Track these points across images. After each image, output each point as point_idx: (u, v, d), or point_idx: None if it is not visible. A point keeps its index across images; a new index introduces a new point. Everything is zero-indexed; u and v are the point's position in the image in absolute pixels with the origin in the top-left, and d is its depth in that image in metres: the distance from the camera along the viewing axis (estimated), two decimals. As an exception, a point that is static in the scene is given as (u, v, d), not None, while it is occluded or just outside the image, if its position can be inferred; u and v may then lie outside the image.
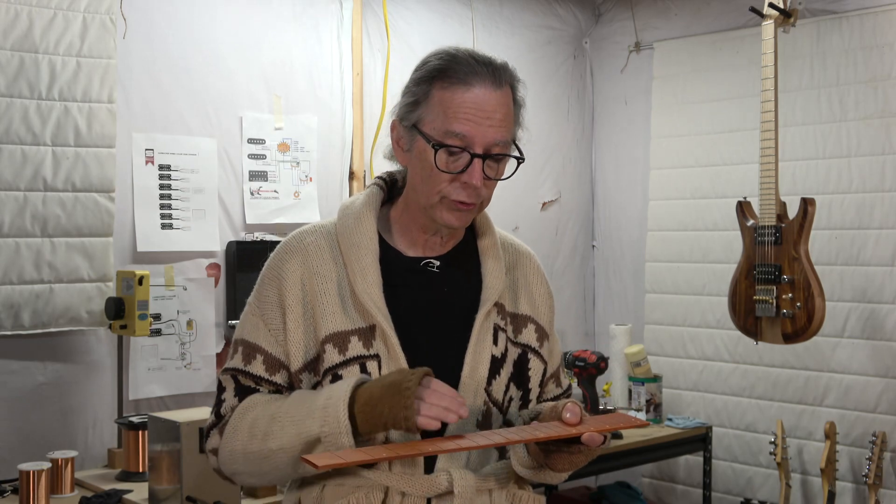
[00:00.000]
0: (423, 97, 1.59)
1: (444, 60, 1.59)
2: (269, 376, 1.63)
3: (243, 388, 1.65)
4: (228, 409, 1.65)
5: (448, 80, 1.57)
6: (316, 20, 3.70)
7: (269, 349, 1.63)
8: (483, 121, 1.55)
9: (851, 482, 3.71)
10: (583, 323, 4.68)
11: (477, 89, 1.56)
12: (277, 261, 1.67)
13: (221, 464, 1.65)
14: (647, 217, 4.38)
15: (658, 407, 3.93)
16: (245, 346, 1.65)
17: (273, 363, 1.63)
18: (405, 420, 1.43)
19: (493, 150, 1.57)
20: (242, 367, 1.65)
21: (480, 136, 1.55)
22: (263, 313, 1.64)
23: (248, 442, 1.58)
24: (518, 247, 1.80)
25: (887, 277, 3.63)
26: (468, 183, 1.56)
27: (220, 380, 1.69)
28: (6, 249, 2.91)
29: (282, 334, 1.62)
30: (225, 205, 3.45)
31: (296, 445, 1.53)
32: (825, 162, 3.78)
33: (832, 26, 3.75)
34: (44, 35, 2.97)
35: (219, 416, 1.66)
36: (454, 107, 1.55)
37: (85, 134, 3.03)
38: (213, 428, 1.66)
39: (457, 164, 1.56)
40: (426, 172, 1.58)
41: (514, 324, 1.70)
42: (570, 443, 1.53)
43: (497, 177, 1.61)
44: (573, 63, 4.62)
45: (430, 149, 1.56)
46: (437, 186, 1.58)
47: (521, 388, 1.68)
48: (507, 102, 1.60)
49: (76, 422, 3.11)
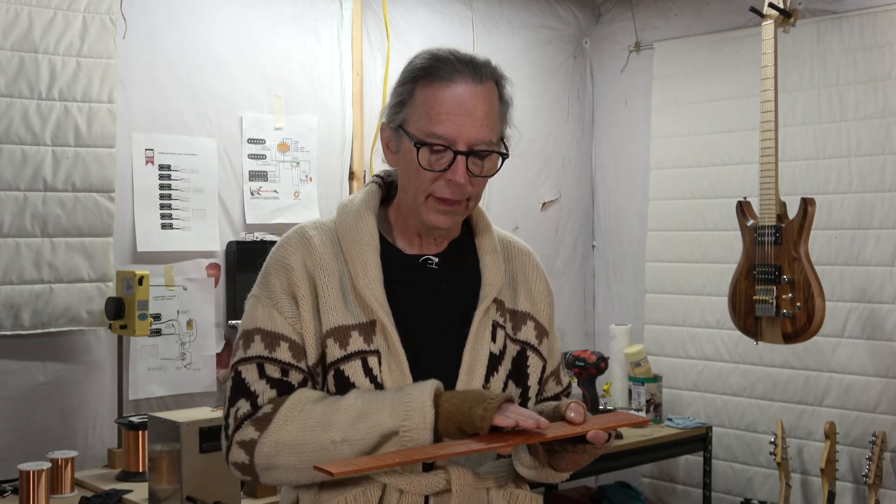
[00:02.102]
0: (407, 97, 1.60)
1: (426, 60, 1.60)
2: (297, 362, 1.58)
3: (273, 379, 1.56)
4: (266, 399, 1.56)
5: (430, 78, 1.57)
6: (316, 20, 3.71)
7: (292, 336, 1.58)
8: (465, 117, 1.55)
9: (851, 482, 3.71)
10: (583, 323, 4.68)
11: (458, 86, 1.56)
12: (283, 252, 1.65)
13: (259, 456, 1.53)
14: (647, 217, 4.38)
15: (658, 407, 3.93)
16: (264, 334, 1.59)
17: (298, 350, 1.58)
18: (481, 419, 1.44)
19: (477, 147, 1.57)
20: (267, 353, 1.57)
21: (463, 133, 1.55)
22: (276, 303, 1.60)
23: (300, 433, 1.51)
24: (517, 244, 1.81)
25: (887, 277, 3.63)
26: (452, 180, 1.56)
27: (238, 370, 1.59)
28: (6, 249, 2.91)
29: (298, 323, 1.59)
30: (225, 205, 3.45)
31: (367, 438, 1.49)
32: (825, 162, 3.78)
33: (832, 26, 3.75)
34: (44, 35, 2.97)
35: (255, 407, 1.56)
36: (436, 105, 1.56)
37: (85, 134, 3.03)
38: (247, 419, 1.55)
39: (440, 161, 1.56)
40: (412, 172, 1.59)
41: (513, 320, 1.70)
42: (575, 442, 1.53)
43: (483, 174, 1.60)
44: (573, 63, 4.62)
45: (415, 148, 1.56)
46: (422, 185, 1.58)
47: (520, 385, 1.68)
48: (489, 98, 1.59)
49: (76, 422, 3.11)
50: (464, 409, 1.46)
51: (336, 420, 1.51)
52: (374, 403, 1.51)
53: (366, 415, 1.50)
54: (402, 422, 1.48)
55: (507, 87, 1.64)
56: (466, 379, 1.61)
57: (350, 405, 1.52)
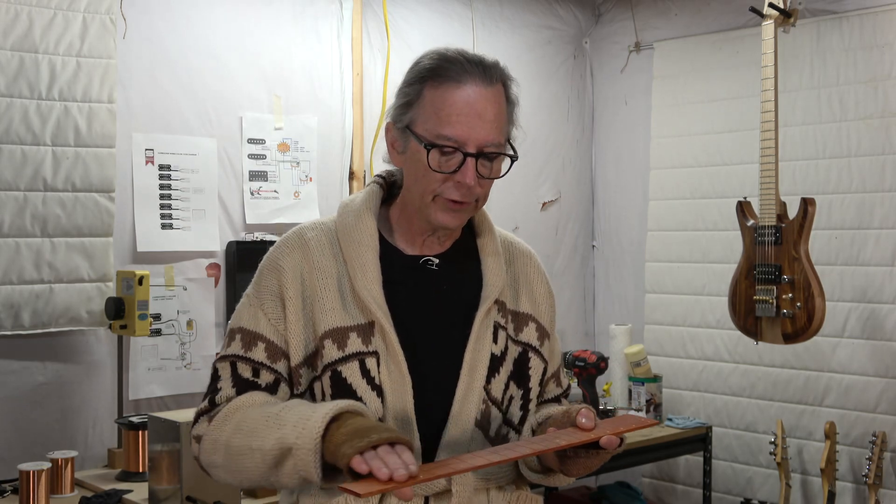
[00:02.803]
0: (415, 98, 1.59)
1: (435, 60, 1.58)
2: (271, 363, 1.60)
3: (240, 379, 1.60)
4: (224, 398, 1.60)
5: (438, 79, 1.56)
6: (316, 20, 3.71)
7: (271, 337, 1.60)
8: (475, 119, 1.54)
9: (851, 482, 3.71)
10: (583, 323, 4.68)
11: (468, 87, 1.55)
12: (278, 254, 1.66)
13: (202, 452, 1.59)
14: (647, 217, 4.38)
15: (658, 407, 3.93)
16: (244, 333, 1.62)
17: (275, 351, 1.60)
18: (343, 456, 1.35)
19: (487, 149, 1.56)
20: (242, 353, 1.61)
21: (473, 135, 1.54)
22: (263, 303, 1.62)
23: (232, 435, 1.53)
24: (518, 245, 1.80)
25: (887, 277, 3.63)
26: (462, 182, 1.55)
27: (215, 367, 1.64)
28: (6, 249, 2.91)
29: (282, 324, 1.60)
30: (225, 205, 3.45)
31: (272, 450, 1.46)
32: (825, 162, 3.78)
33: (832, 26, 3.75)
34: (44, 35, 2.97)
35: (212, 404, 1.61)
36: (446, 106, 1.55)
37: (85, 134, 3.03)
38: (204, 415, 1.61)
39: (450, 163, 1.56)
40: (420, 173, 1.58)
41: (514, 322, 1.70)
42: (587, 448, 1.52)
43: (491, 176, 1.59)
44: (573, 63, 4.62)
45: (423, 149, 1.56)
46: (430, 186, 1.57)
47: (521, 387, 1.68)
48: (498, 100, 1.58)
49: (76, 422, 3.11)
50: (339, 441, 1.38)
51: (258, 427, 1.50)
52: (289, 413, 1.48)
53: (279, 425, 1.47)
54: (295, 439, 1.44)
55: (513, 87, 1.63)
56: (468, 380, 1.60)
57: (275, 413, 1.50)
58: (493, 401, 1.63)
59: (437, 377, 1.56)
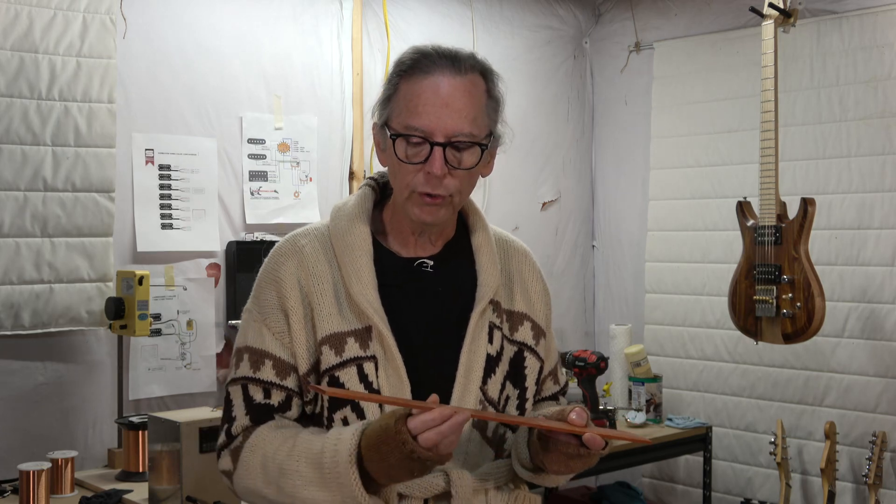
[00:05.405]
0: (392, 93, 1.59)
1: (409, 55, 1.59)
2: (280, 381, 1.59)
3: (253, 404, 1.60)
4: (239, 428, 1.60)
5: (411, 71, 1.56)
6: (316, 20, 3.71)
7: (277, 353, 1.60)
8: (441, 109, 1.53)
9: (851, 482, 3.71)
10: (583, 323, 4.68)
11: (435, 77, 1.54)
12: (273, 264, 1.65)
13: (239, 493, 1.63)
14: (647, 217, 4.38)
15: (658, 407, 3.93)
16: (251, 353, 1.62)
17: (283, 367, 1.60)
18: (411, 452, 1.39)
19: (456, 139, 1.54)
20: (252, 374, 1.61)
21: (440, 125, 1.53)
22: (265, 318, 1.62)
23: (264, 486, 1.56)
24: (514, 243, 1.79)
25: (887, 277, 3.63)
26: (431, 173, 1.54)
27: (228, 391, 1.64)
28: (6, 249, 2.91)
29: (287, 337, 1.60)
30: (225, 205, 3.45)
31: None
32: (825, 162, 3.78)
33: (832, 26, 3.75)
34: (44, 35, 2.97)
35: (229, 436, 1.61)
36: (414, 97, 1.54)
37: (85, 134, 3.04)
38: (225, 449, 1.62)
39: (419, 154, 1.55)
40: (395, 167, 1.58)
41: (510, 321, 1.70)
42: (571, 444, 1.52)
43: (461, 166, 1.56)
44: (573, 63, 4.62)
45: (391, 140, 1.56)
46: (405, 179, 1.57)
47: (517, 386, 1.68)
48: (469, 90, 1.56)
49: (76, 422, 3.11)
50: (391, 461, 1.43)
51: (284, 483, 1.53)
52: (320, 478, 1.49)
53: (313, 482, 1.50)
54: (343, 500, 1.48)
55: (496, 82, 1.61)
56: (464, 382, 1.60)
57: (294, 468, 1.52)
58: (489, 401, 1.63)
59: (434, 380, 1.56)
